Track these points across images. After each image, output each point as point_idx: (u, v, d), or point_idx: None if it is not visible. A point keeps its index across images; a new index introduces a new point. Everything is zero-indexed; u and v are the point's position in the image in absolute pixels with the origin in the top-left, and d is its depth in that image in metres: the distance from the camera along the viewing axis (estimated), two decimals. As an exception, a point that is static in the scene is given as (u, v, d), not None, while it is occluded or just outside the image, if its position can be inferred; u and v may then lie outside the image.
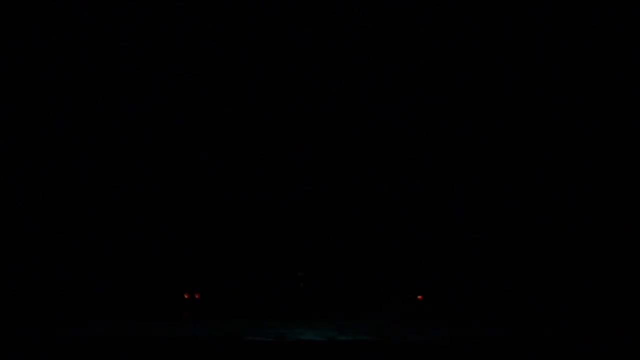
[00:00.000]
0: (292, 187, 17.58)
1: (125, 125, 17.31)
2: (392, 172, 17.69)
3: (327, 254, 13.59)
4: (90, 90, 17.03)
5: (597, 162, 16.36)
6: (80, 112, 17.01)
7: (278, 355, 7.80)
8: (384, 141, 17.88)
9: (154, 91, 17.26)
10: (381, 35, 16.98)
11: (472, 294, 15.98)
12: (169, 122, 17.57)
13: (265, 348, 8.02)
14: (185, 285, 16.44)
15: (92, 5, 16.36)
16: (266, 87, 17.59)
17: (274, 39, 17.13)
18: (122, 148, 17.32)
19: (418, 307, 15.45)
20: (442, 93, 17.42)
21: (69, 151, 16.92)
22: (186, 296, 16.30)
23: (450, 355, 7.97)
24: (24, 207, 16.06)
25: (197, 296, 16.28)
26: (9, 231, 15.53)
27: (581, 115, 16.52)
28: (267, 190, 17.62)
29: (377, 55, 17.19)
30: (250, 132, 17.83)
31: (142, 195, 17.19)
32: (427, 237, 16.97)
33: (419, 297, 15.85)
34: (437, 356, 7.92)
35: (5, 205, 15.82)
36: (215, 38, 17.06)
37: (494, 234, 16.68)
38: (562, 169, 16.69)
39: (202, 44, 17.07)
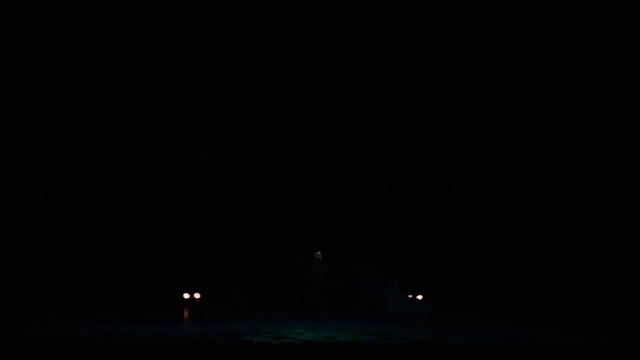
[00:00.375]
0: (292, 187, 17.59)
1: (125, 125, 17.32)
2: (392, 172, 17.70)
3: (326, 253, 13.60)
4: (90, 90, 17.03)
5: (597, 161, 16.36)
6: (80, 112, 17.02)
7: (278, 355, 7.79)
8: (384, 141, 17.88)
9: (154, 91, 17.27)
10: (381, 35, 16.98)
11: (473, 294, 15.98)
12: (169, 122, 17.58)
13: (264, 348, 8.01)
14: (185, 285, 16.44)
15: (92, 5, 16.37)
16: (266, 87, 17.60)
17: (274, 39, 17.13)
18: (122, 148, 17.32)
19: (418, 307, 15.43)
20: (442, 93, 17.43)
21: (69, 151, 16.92)
22: (186, 296, 16.30)
23: (451, 356, 7.97)
24: (24, 207, 16.06)
25: (197, 296, 16.27)
26: (9, 231, 15.52)
27: (581, 116, 16.52)
28: (267, 191, 17.62)
29: (377, 55, 17.19)
30: (249, 132, 17.84)
31: (142, 195, 17.19)
32: (427, 237, 16.97)
33: (419, 297, 15.85)
34: (437, 356, 7.91)
35: (5, 205, 15.82)
36: (215, 38, 17.06)
37: (494, 233, 16.68)
38: (563, 169, 16.70)
39: (202, 44, 17.07)
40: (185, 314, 13.94)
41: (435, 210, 17.41)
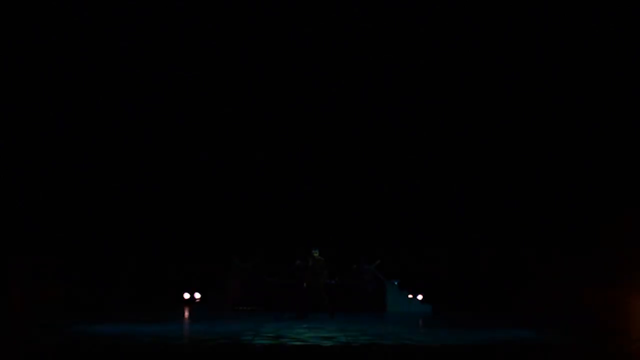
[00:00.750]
0: (293, 188, 17.59)
1: (125, 125, 17.33)
2: (392, 173, 17.70)
3: (327, 254, 13.60)
4: (90, 91, 17.04)
5: (596, 161, 16.37)
6: (81, 112, 17.03)
7: (278, 355, 7.80)
8: (384, 142, 17.89)
9: (154, 91, 17.28)
10: (381, 35, 16.99)
11: (472, 294, 15.98)
12: (170, 122, 17.59)
13: (264, 348, 8.03)
14: (185, 285, 16.43)
15: (92, 5, 16.38)
16: (266, 87, 17.61)
17: (274, 40, 17.14)
18: (122, 148, 17.33)
19: (418, 307, 15.42)
20: (442, 93, 17.44)
21: (69, 152, 16.93)
22: (186, 296, 16.30)
23: (450, 356, 7.98)
24: (24, 207, 16.07)
25: (197, 296, 16.27)
26: (8, 231, 15.53)
27: (581, 116, 16.53)
28: (268, 191, 17.63)
29: (377, 55, 17.20)
30: (249, 133, 17.85)
31: (143, 196, 17.20)
32: (427, 237, 16.97)
33: (419, 297, 15.84)
34: (437, 356, 7.93)
35: (5, 205, 15.83)
36: (215, 38, 17.07)
37: (494, 234, 16.68)
38: (562, 169, 16.71)
39: (201, 44, 17.08)
40: (185, 314, 13.95)
41: (435, 211, 17.42)
